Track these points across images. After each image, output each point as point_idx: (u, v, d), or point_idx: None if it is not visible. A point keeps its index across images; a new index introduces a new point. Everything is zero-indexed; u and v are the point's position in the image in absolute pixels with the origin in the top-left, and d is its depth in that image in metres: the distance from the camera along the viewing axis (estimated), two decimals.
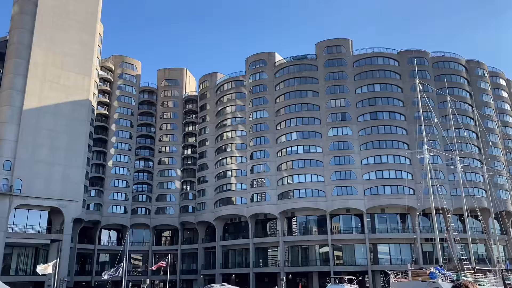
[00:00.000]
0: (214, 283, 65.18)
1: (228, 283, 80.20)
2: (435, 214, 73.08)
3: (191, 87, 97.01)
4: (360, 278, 57.32)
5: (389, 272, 37.21)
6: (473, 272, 40.71)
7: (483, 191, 72.40)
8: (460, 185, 48.56)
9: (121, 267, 39.15)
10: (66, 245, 64.35)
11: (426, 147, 44.38)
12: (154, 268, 42.70)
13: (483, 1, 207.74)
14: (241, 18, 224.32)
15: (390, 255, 69.72)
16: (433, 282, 34.18)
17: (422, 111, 68.55)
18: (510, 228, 67.16)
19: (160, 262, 44.87)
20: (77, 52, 70.39)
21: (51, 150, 64.67)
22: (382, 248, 70.94)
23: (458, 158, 48.82)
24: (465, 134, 56.41)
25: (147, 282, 45.93)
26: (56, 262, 45.25)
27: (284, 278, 59.02)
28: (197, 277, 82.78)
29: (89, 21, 73.46)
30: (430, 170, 43.95)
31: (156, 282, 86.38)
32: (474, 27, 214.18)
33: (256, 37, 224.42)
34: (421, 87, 46.48)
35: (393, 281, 36.91)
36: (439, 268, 38.31)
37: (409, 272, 36.40)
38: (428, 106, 51.41)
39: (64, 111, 67.09)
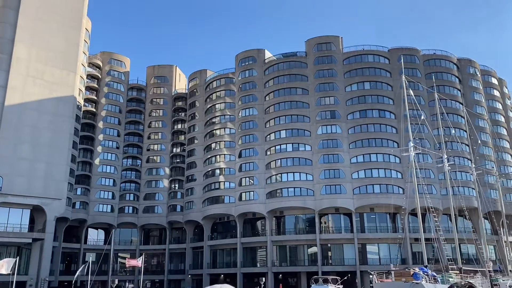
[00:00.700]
0: (211, 284, 64.11)
1: (217, 283, 79.34)
2: (426, 213, 72.83)
3: (181, 84, 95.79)
4: (345, 278, 56.25)
5: (372, 273, 36.17)
6: (459, 273, 39.74)
7: (473, 191, 71.55)
8: (448, 184, 47.57)
9: (86, 267, 37.74)
10: (48, 244, 62.97)
11: (412, 144, 43.30)
12: (128, 266, 41.30)
13: (477, 1, 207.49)
14: (232, 15, 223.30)
15: (379, 255, 68.74)
16: (416, 283, 33.17)
17: (412, 109, 67.95)
18: (501, 228, 66.29)
19: (136, 261, 43.52)
20: (61, 48, 69.03)
21: (34, 147, 63.32)
22: (371, 248, 69.94)
23: (446, 156, 47.80)
24: (453, 132, 55.37)
25: (116, 282, 44.63)
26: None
27: (264, 279, 57.83)
28: (184, 277, 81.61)
29: (75, 16, 72.10)
30: (416, 168, 42.85)
31: (144, 282, 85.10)
32: (467, 28, 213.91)
33: (247, 34, 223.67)
34: (407, 83, 45.32)
35: (376, 281, 35.87)
36: (424, 268, 37.31)
37: (392, 273, 35.38)
38: (415, 103, 50.30)
39: (48, 108, 65.73)
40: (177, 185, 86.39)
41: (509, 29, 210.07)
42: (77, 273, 38.29)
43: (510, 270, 70.13)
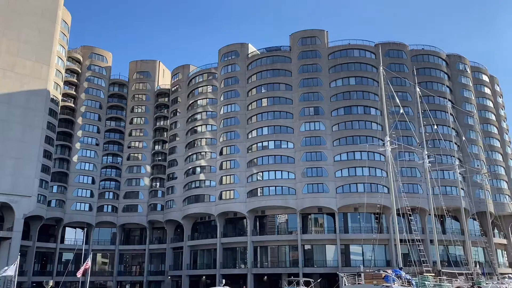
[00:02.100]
0: (191, 286, 61.65)
1: (198, 286, 76.81)
2: (412, 214, 70.34)
3: (165, 80, 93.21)
4: (318, 280, 53.79)
5: (342, 275, 33.68)
6: (436, 276, 37.27)
7: (461, 191, 69.07)
8: (427, 183, 45.16)
9: (14, 266, 35.16)
10: (16, 243, 60.47)
11: (388, 139, 40.86)
12: (79, 273, 38.67)
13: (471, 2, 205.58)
14: (218, 9, 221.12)
15: (363, 257, 66.21)
16: (387, 286, 30.67)
17: (398, 106, 65.51)
18: (489, 229, 63.86)
19: (84, 265, 40.89)
20: (35, 39, 66.60)
21: (2, 142, 60.88)
22: (355, 249, 67.42)
23: (426, 153, 45.35)
24: (435, 128, 52.88)
25: (50, 283, 42.04)
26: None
27: (224, 281, 55.27)
28: (164, 278, 79.01)
29: (50, 7, 69.67)
30: (393, 165, 40.40)
31: (123, 283, 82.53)
32: (460, 26, 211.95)
33: (233, 29, 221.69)
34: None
35: (346, 284, 33.36)
36: (398, 271, 34.80)
37: (362, 275, 32.89)
38: (394, 99, 47.83)
39: (19, 101, 63.25)
40: (158, 184, 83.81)
41: (503, 27, 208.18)
42: (2, 270, 35.27)
43: (499, 273, 67.95)
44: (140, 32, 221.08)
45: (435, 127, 52.64)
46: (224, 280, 55.19)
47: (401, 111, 46.67)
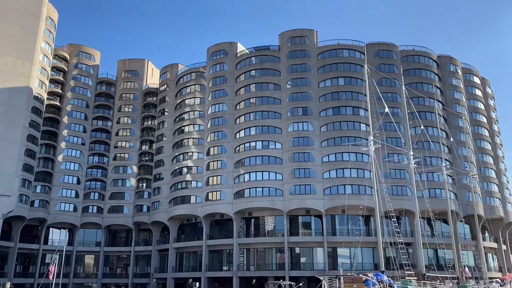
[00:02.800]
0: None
1: None
2: (401, 217, 69.33)
3: (154, 79, 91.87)
4: (300, 284, 52.56)
5: (322, 278, 32.47)
6: (420, 280, 36.14)
7: (450, 193, 68.17)
8: (413, 184, 44.15)
9: None
10: None
11: (372, 138, 39.80)
12: (50, 275, 37.29)
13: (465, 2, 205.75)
14: (209, 8, 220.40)
15: (350, 259, 65.04)
16: None
17: (386, 106, 64.48)
18: (478, 233, 62.87)
19: (50, 267, 39.52)
20: (18, 36, 65.26)
21: None
22: (343, 252, 66.23)
23: (412, 153, 44.32)
24: (422, 128, 51.87)
25: (7, 285, 40.64)
26: None
27: (197, 284, 53.92)
28: (149, 281, 77.48)
29: (34, 4, 68.41)
30: (377, 165, 39.34)
31: (108, 285, 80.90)
32: (451, 27, 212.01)
33: (223, 28, 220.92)
34: (369, 71, 41.85)
35: None
36: (380, 274, 33.66)
37: (342, 278, 31.73)
38: (376, 101, 46.84)
39: (0, 98, 61.76)
40: (144, 184, 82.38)
41: (499, 31, 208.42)
42: None
43: (488, 277, 66.96)
44: (129, 31, 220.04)
45: (422, 127, 51.50)
46: (197, 283, 53.80)
47: (386, 109, 45.38)
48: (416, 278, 35.34)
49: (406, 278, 34.23)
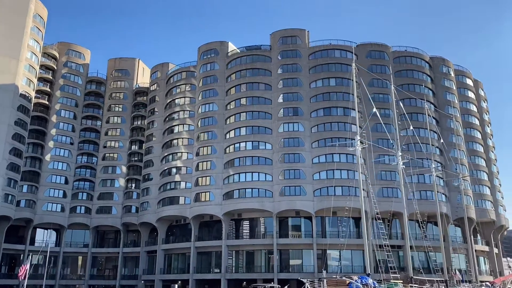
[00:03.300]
0: None
1: None
2: (392, 219, 68.55)
3: (145, 78, 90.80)
4: (286, 287, 51.64)
5: (305, 281, 31.55)
6: (406, 283, 35.26)
7: (441, 195, 67.52)
8: (401, 186, 43.33)
9: None
10: None
11: (359, 137, 39.01)
12: (20, 275, 36.26)
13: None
14: (201, 7, 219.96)
15: (340, 262, 64.17)
16: None
17: (379, 108, 63.73)
18: (468, 236, 62.16)
19: (23, 267, 38.46)
20: (3, 32, 64.27)
21: None
22: (333, 254, 65.36)
23: (400, 153, 43.51)
24: (411, 129, 51.08)
25: None
26: None
27: (176, 285, 52.93)
28: (137, 282, 76.30)
29: (21, 0, 67.17)
30: (364, 167, 38.55)
31: (95, 287, 79.63)
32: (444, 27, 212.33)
33: (215, 27, 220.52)
34: (357, 70, 41.09)
35: None
36: (365, 277, 32.78)
37: (325, 281, 30.84)
38: (362, 102, 46.12)
39: None
40: (133, 185, 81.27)
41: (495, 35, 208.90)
42: None
43: (480, 281, 66.29)
44: (121, 30, 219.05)
45: (411, 128, 50.73)
46: (176, 285, 52.81)
47: (374, 109, 44.51)
48: (401, 281, 34.49)
49: (391, 281, 33.37)
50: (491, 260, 75.08)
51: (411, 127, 49.52)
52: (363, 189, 63.54)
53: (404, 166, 43.83)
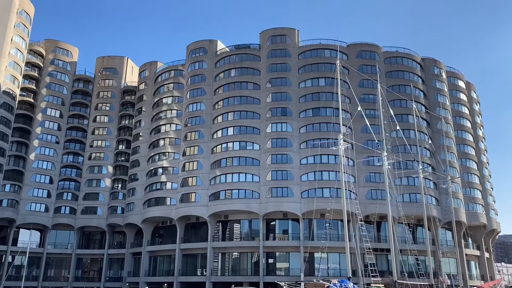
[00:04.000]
0: None
1: None
2: (382, 222, 67.38)
3: (134, 77, 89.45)
4: None
5: (282, 284, 30.33)
6: (391, 287, 34.10)
7: (430, 198, 66.42)
8: (386, 187, 42.23)
9: None
10: None
11: (342, 136, 37.86)
12: None
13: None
14: (193, 6, 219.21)
15: (327, 265, 62.97)
16: None
17: (369, 109, 62.69)
18: (456, 239, 60.97)
19: None
20: None
21: None
22: (320, 257, 63.99)
23: (386, 154, 42.37)
24: (396, 128, 49.95)
25: None
26: None
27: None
28: (122, 285, 74.73)
29: None
30: (346, 167, 37.36)
31: None
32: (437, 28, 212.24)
33: (207, 26, 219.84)
34: (342, 66, 40.00)
35: None
36: (345, 281, 31.60)
37: (302, 284, 29.64)
38: (343, 103, 44.91)
39: None
40: (120, 185, 79.75)
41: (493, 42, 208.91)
42: None
43: (470, 286, 65.17)
44: (113, 29, 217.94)
45: (398, 128, 49.60)
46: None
47: (359, 108, 43.43)
48: (383, 285, 33.30)
49: (372, 285, 32.17)
50: (482, 264, 73.94)
51: (398, 127, 48.26)
52: (351, 191, 62.71)
53: (389, 167, 42.65)
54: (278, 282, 30.73)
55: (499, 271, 75.50)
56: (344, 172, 40.18)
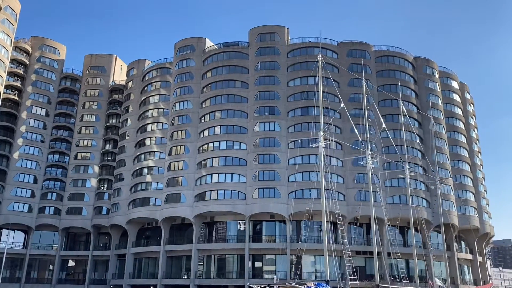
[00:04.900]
0: None
1: None
2: (371, 224, 65.69)
3: (122, 76, 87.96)
4: None
5: (253, 286, 28.73)
6: None
7: (424, 201, 64.88)
8: (369, 187, 40.80)
9: None
10: None
11: (322, 133, 36.37)
12: None
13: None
14: (185, 3, 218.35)
15: (315, 268, 61.33)
16: None
17: (360, 108, 61.14)
18: (444, 243, 59.25)
19: None
20: None
21: None
22: (308, 260, 62.41)
23: (370, 152, 40.86)
24: (382, 127, 48.40)
25: None
26: None
27: None
28: (106, 287, 72.94)
29: None
30: (326, 164, 35.88)
31: None
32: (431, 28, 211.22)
33: (198, 24, 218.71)
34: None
35: None
36: (322, 284, 30.02)
37: (275, 287, 28.06)
38: (332, 102, 43.49)
39: None
40: (106, 185, 78.06)
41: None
42: None
43: None
44: (101, 27, 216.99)
45: (383, 125, 48.05)
46: None
47: (342, 105, 42.00)
48: None
49: None
50: (475, 269, 72.27)
51: (384, 125, 46.73)
52: (341, 193, 61.20)
53: (373, 166, 41.19)
54: (251, 286, 29.04)
55: (489, 275, 73.65)
56: (326, 172, 38.74)
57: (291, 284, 29.07)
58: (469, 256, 72.02)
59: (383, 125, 46.49)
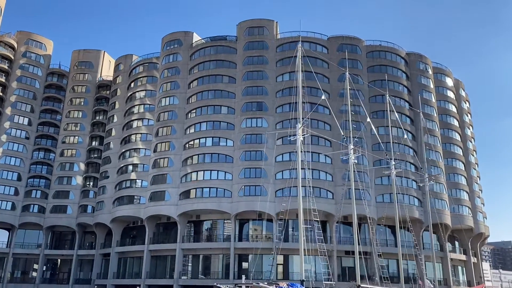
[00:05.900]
0: None
1: None
2: (362, 223, 63.96)
3: (110, 72, 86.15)
4: None
5: (222, 287, 26.96)
6: None
7: (415, 199, 63.07)
8: (352, 186, 39.05)
9: None
10: None
11: (300, 125, 34.66)
12: None
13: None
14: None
15: (301, 268, 59.31)
16: None
17: (354, 105, 59.34)
18: (438, 243, 57.65)
19: None
20: None
21: None
22: (296, 260, 60.56)
23: (352, 147, 39.10)
24: (363, 126, 46.71)
25: None
26: None
27: None
28: (91, 287, 71.17)
29: None
30: (304, 159, 34.15)
31: None
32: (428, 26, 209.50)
33: (189, 19, 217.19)
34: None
35: None
36: (296, 284, 28.27)
37: (243, 287, 26.32)
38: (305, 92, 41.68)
39: None
40: (91, 183, 76.32)
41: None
42: None
43: None
44: (90, 22, 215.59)
45: (368, 119, 46.35)
46: None
47: (323, 97, 40.44)
48: None
49: None
50: (469, 269, 70.40)
51: (368, 119, 44.99)
52: (330, 191, 59.34)
53: (356, 161, 39.45)
54: (218, 285, 27.27)
55: (480, 277, 71.87)
56: (309, 169, 36.98)
57: (258, 284, 27.27)
58: (463, 257, 70.20)
59: (368, 119, 44.55)
